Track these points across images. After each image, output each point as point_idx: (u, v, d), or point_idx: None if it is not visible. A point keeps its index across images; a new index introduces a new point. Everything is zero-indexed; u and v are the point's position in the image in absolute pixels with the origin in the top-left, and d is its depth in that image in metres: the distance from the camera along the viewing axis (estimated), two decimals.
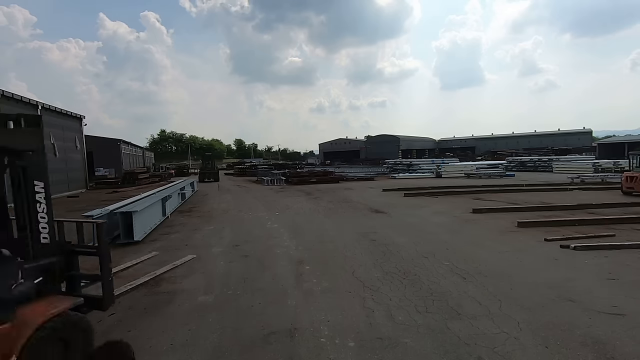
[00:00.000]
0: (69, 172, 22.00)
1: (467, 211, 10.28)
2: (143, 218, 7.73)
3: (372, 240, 7.00)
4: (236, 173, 44.39)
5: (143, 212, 7.65)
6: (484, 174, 27.35)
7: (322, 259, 5.88)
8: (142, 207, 7.63)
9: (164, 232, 8.42)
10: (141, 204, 8.03)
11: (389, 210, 10.79)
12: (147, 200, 8.91)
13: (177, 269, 5.46)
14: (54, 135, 20.05)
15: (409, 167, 34.59)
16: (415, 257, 5.79)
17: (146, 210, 8.00)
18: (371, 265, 5.46)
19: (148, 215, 8.24)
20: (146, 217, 8.06)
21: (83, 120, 24.71)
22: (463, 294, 4.22)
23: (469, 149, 79.76)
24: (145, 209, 7.85)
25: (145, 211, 7.94)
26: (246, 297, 4.31)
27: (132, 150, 52.72)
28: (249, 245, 6.95)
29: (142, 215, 7.63)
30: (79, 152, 23.91)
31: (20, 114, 2.97)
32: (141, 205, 7.70)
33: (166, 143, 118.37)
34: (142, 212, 7.60)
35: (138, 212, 7.22)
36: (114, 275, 5.07)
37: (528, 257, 5.74)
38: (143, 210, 7.65)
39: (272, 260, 5.89)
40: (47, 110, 19.64)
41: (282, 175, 24.96)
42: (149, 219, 8.33)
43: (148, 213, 8.22)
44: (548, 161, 33.92)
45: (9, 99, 16.12)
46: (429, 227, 8.23)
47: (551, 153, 47.38)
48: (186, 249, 6.76)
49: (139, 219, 7.40)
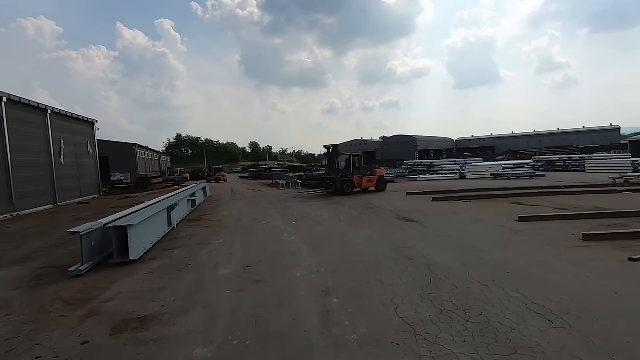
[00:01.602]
0: (81, 177, 21.56)
1: (511, 219, 8.93)
2: (142, 232, 6.74)
3: (410, 259, 5.79)
4: (251, 176, 43.67)
5: (141, 226, 6.66)
6: (512, 175, 25.62)
7: (353, 286, 4.71)
8: (141, 219, 6.64)
9: (167, 246, 7.42)
10: (140, 215, 7.04)
11: (420, 218, 9.53)
12: (148, 210, 7.93)
13: (173, 303, 4.39)
14: (65, 140, 19.56)
15: (429, 168, 33.05)
16: (471, 285, 4.56)
17: (146, 223, 7.01)
18: (417, 296, 4.26)
19: (148, 228, 7.25)
20: (146, 230, 7.07)
21: (95, 125, 24.30)
22: (562, 351, 2.99)
23: (488, 149, 77.30)
24: (144, 222, 6.85)
25: (145, 224, 6.95)
26: (257, 352, 3.19)
27: (147, 155, 52.80)
28: (263, 265, 5.85)
29: (141, 229, 6.64)
30: (92, 157, 23.49)
31: None
32: (140, 218, 6.71)
33: (182, 147, 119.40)
34: (141, 226, 6.61)
35: (135, 227, 6.22)
36: (92, 311, 4.14)
37: (618, 284, 4.43)
38: (142, 224, 6.65)
39: (291, 288, 4.76)
40: (57, 114, 19.17)
41: (298, 179, 23.92)
42: (149, 233, 7.34)
43: (148, 226, 7.23)
44: (579, 160, 31.79)
45: (17, 103, 15.61)
46: (474, 241, 6.95)
47: (577, 151, 44.88)
48: (189, 270, 5.71)
49: (137, 233, 6.40)
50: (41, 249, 7.67)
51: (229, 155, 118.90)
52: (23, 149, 15.73)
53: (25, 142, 16.00)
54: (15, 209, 14.84)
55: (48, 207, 17.20)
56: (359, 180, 17.19)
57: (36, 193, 16.47)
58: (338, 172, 17.00)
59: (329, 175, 17.66)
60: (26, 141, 16.06)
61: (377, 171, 18.12)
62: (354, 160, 17.41)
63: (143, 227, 6.82)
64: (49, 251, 7.44)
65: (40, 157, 17.27)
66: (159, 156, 63.86)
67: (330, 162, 17.82)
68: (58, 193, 18.27)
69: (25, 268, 6.24)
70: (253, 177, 42.14)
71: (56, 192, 18.14)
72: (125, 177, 37.33)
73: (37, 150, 17.06)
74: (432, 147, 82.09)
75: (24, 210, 15.29)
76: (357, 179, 17.17)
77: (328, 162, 17.96)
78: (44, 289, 5.09)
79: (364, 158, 17.94)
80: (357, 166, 17.47)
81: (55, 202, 17.98)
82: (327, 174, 18.20)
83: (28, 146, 16.19)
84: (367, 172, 17.80)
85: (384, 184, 18.15)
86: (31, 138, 16.58)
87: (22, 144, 15.66)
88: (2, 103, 14.46)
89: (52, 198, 17.92)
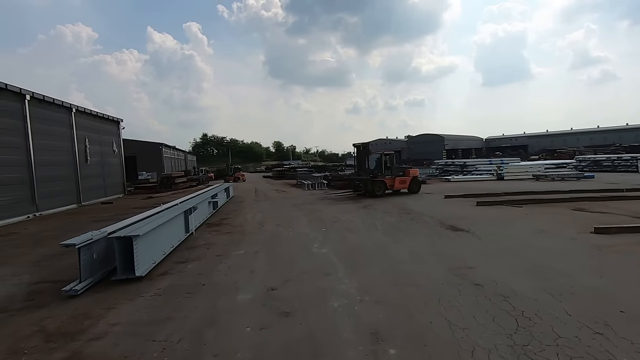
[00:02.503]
0: (106, 177, 21.35)
1: (583, 230, 7.46)
2: (151, 242, 5.83)
3: (477, 286, 4.54)
4: (275, 176, 43.01)
5: (151, 235, 5.75)
6: (556, 176, 23.47)
7: (412, 327, 3.55)
8: (150, 228, 5.72)
9: (181, 257, 6.49)
10: (151, 223, 6.14)
11: (470, 227, 8.20)
12: (162, 215, 7.04)
13: (178, 344, 3.37)
14: (89, 139, 19.35)
15: (462, 168, 31.16)
16: (579, 332, 3.28)
17: (157, 232, 6.10)
18: (507, 350, 3.04)
19: (160, 237, 6.35)
20: (157, 240, 6.17)
21: (121, 124, 24.16)
22: None
23: (520, 148, 73.70)
24: (155, 230, 5.95)
25: (156, 233, 6.04)
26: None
27: (173, 154, 53.31)
28: (290, 288, 4.77)
29: (150, 239, 5.73)
30: (117, 157, 23.32)
31: None
32: (149, 226, 5.80)
33: (208, 146, 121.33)
34: (150, 236, 5.70)
35: (142, 237, 5.30)
36: (75, 354, 3.19)
37: None
38: (151, 233, 5.74)
39: (328, 326, 3.65)
40: (82, 113, 18.96)
41: (324, 179, 22.83)
42: (161, 242, 6.43)
43: (160, 234, 6.33)
44: (631, 160, 28.99)
45: (40, 101, 15.36)
46: (549, 260, 5.59)
47: (621, 150, 41.31)
48: (202, 292, 4.72)
49: (145, 245, 5.49)
50: (47, 258, 6.94)
51: (253, 154, 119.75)
52: (47, 147, 15.46)
53: (49, 140, 15.74)
54: (38, 209, 14.56)
55: (72, 206, 16.95)
56: (390, 181, 15.88)
57: (60, 193, 16.21)
58: (368, 173, 15.76)
59: (359, 176, 16.45)
60: (50, 140, 15.80)
61: (410, 171, 16.75)
62: (386, 160, 16.13)
63: (153, 236, 5.91)
64: (54, 261, 6.68)
65: (64, 156, 17.04)
66: (185, 155, 64.57)
67: (359, 161, 16.60)
68: (82, 193, 18.03)
69: (22, 282, 5.46)
70: (277, 176, 41.44)
71: (80, 191, 17.90)
72: (151, 176, 37.55)
73: (61, 149, 16.82)
74: (460, 146, 79.42)
75: (47, 210, 15.01)
76: (389, 179, 15.87)
77: (357, 161, 16.75)
78: (30, 313, 4.23)
79: (396, 157, 16.60)
80: (388, 166, 16.18)
81: (79, 202, 17.74)
82: (356, 174, 16.99)
83: (52, 145, 15.93)
84: (400, 173, 16.46)
85: (417, 185, 16.75)
86: (55, 137, 16.33)
87: (45, 142, 15.40)
88: (25, 101, 14.18)
89: (76, 198, 17.69)
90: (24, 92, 14.06)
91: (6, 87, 13.17)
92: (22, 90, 13.95)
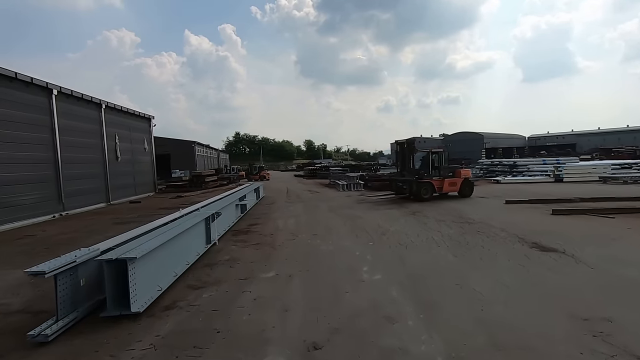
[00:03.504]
0: (136, 175, 20.89)
1: None
2: (157, 263, 4.51)
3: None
4: (306, 175, 41.76)
5: (156, 254, 4.43)
6: (629, 178, 20.41)
7: None
8: (156, 244, 4.40)
9: (195, 281, 5.14)
10: (159, 236, 4.82)
11: (563, 246, 6.30)
12: (178, 225, 5.74)
13: None
14: (120, 136, 18.86)
15: (511, 168, 28.30)
16: None
17: (166, 248, 4.78)
18: None
19: (170, 255, 5.03)
20: (166, 258, 4.85)
21: (152, 121, 23.73)
22: None
23: (568, 146, 68.07)
24: (163, 247, 4.63)
25: (164, 250, 4.72)
26: None
27: (206, 152, 53.53)
28: (341, 346, 3.24)
29: (155, 259, 4.41)
30: (148, 154, 22.89)
31: None
32: (154, 242, 4.47)
33: (240, 145, 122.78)
34: (155, 255, 4.38)
35: (142, 259, 3.98)
36: None
37: None
38: (157, 251, 4.42)
39: None
40: (112, 109, 18.48)
41: (360, 179, 21.16)
42: (172, 260, 5.12)
43: (170, 251, 5.01)
44: None
45: (68, 96, 14.84)
46: None
47: None
48: (214, 347, 3.29)
49: (147, 268, 4.18)
50: None
51: (284, 153, 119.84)
52: (74, 144, 14.94)
53: (77, 137, 15.23)
54: (65, 208, 14.02)
55: (100, 205, 16.43)
56: (439, 183, 13.98)
57: (88, 191, 15.68)
58: (413, 173, 13.93)
59: (402, 176, 14.66)
60: (78, 136, 15.28)
61: (461, 172, 14.73)
62: (433, 159, 14.24)
63: (159, 255, 4.60)
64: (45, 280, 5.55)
65: (92, 153, 16.54)
66: (217, 154, 64.99)
67: (402, 160, 14.81)
68: (111, 191, 17.52)
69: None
70: (309, 175, 40.18)
71: (109, 190, 17.40)
72: (184, 174, 37.52)
73: (90, 146, 16.32)
74: (500, 145, 74.83)
75: (74, 209, 14.46)
76: (437, 181, 13.97)
77: (401, 160, 14.96)
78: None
79: (445, 156, 14.65)
80: (436, 166, 14.28)
81: (108, 201, 17.23)
82: (398, 175, 15.20)
83: (80, 142, 15.42)
84: (449, 173, 14.51)
85: (470, 188, 14.71)
86: (84, 133, 15.82)
87: (73, 139, 14.88)
88: (52, 96, 13.65)
89: (105, 196, 17.19)
90: (51, 86, 13.51)
91: (32, 82, 12.62)
92: (48, 84, 13.41)
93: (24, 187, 12.10)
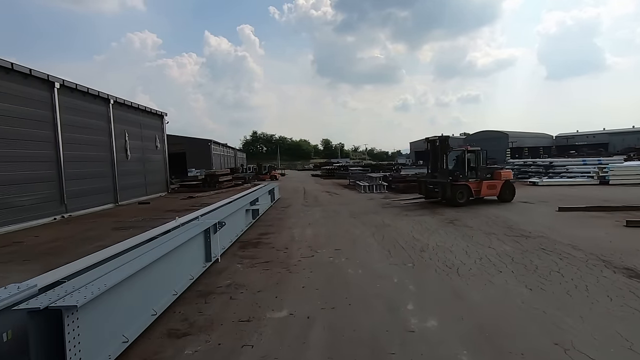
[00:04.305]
0: (147, 174, 19.98)
1: None
2: (120, 307, 3.19)
3: None
4: (324, 174, 40.32)
5: (121, 292, 3.11)
6: None
7: None
8: (119, 279, 3.08)
9: (179, 323, 3.80)
10: (133, 261, 3.51)
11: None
12: (159, 245, 4.42)
13: None
14: (130, 134, 17.95)
15: (547, 169, 26.06)
16: None
17: (136, 281, 3.46)
18: None
19: (143, 291, 3.69)
20: (135, 297, 3.52)
21: (165, 118, 22.84)
22: None
23: (600, 146, 64.14)
24: (128, 282, 3.30)
25: (135, 283, 3.40)
26: None
27: (223, 151, 52.86)
28: None
29: (116, 300, 3.09)
30: (160, 153, 21.99)
31: None
32: (120, 274, 3.15)
33: (257, 144, 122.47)
34: (117, 293, 3.06)
35: (91, 304, 2.67)
36: None
37: None
38: (122, 287, 3.10)
39: None
40: (122, 105, 17.58)
41: (383, 180, 19.58)
42: (146, 298, 3.78)
43: (145, 284, 3.68)
44: None
45: (73, 90, 13.93)
46: None
47: None
48: None
49: (99, 317, 2.86)
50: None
51: (301, 152, 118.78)
52: (79, 141, 14.04)
53: (82, 134, 14.32)
54: (67, 210, 13.11)
55: (107, 206, 15.52)
56: (476, 186, 12.31)
57: (93, 191, 14.77)
58: (447, 174, 12.29)
59: (433, 178, 13.03)
60: (83, 133, 14.38)
61: (501, 173, 12.99)
62: (469, 158, 12.57)
63: (126, 293, 3.28)
64: None
65: (99, 151, 15.64)
66: (234, 153, 64.41)
67: (434, 159, 13.18)
68: (119, 191, 16.61)
69: None
70: (326, 175, 38.74)
71: (117, 190, 16.49)
72: (200, 173, 36.79)
73: (97, 144, 15.41)
74: (526, 144, 71.50)
75: (78, 210, 13.55)
76: (474, 183, 12.30)
77: (432, 159, 13.33)
78: None
79: (483, 155, 12.94)
80: (473, 166, 12.61)
81: (116, 201, 16.33)
82: (429, 176, 13.58)
83: (85, 139, 14.51)
84: (487, 175, 12.80)
85: (511, 191, 12.96)
86: (89, 130, 14.91)
87: (78, 136, 13.98)
88: (54, 89, 12.73)
89: (113, 197, 16.28)
90: (52, 79, 12.59)
91: (30, 73, 11.70)
92: (49, 77, 12.49)
93: (21, 187, 11.19)
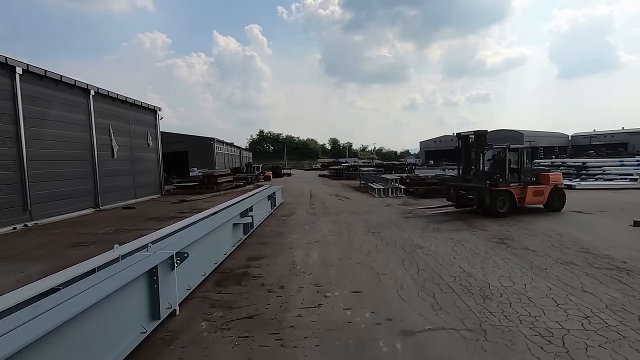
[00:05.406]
0: (137, 175, 17.99)
1: None
2: None
3: None
4: (331, 174, 38.04)
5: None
6: None
7: None
8: None
9: None
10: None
11: None
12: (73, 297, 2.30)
13: None
14: (115, 129, 15.98)
15: (579, 170, 23.53)
16: None
17: None
18: None
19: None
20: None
21: (159, 113, 20.86)
22: None
23: (620, 146, 61.33)
24: None
25: None
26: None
27: (227, 150, 50.83)
28: None
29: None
30: (152, 151, 20.00)
31: None
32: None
33: (264, 143, 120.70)
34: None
35: None
36: None
37: None
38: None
39: None
40: (104, 97, 15.58)
41: (400, 182, 17.30)
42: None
43: None
44: None
45: (42, 77, 11.95)
46: None
47: None
48: None
49: None
50: None
51: (308, 151, 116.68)
52: (49, 137, 12.09)
53: (53, 129, 12.35)
54: (33, 217, 11.15)
55: (86, 212, 13.55)
56: (520, 192, 10.03)
57: (68, 195, 12.81)
58: (484, 178, 10.01)
59: (466, 182, 10.73)
60: (54, 128, 12.40)
61: (549, 177, 10.67)
62: (510, 158, 10.30)
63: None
64: None
65: (76, 148, 13.65)
66: (240, 152, 62.44)
67: (467, 159, 10.88)
68: (102, 194, 14.64)
69: None
70: (334, 175, 36.44)
71: (99, 193, 14.52)
72: (202, 173, 34.85)
73: (72, 140, 13.42)
74: (540, 144, 68.97)
75: (46, 217, 11.59)
76: (518, 189, 10.02)
77: (464, 159, 11.02)
78: None
79: (528, 154, 10.63)
80: (514, 167, 10.34)
81: (97, 206, 14.37)
82: (460, 179, 11.28)
83: (57, 134, 12.53)
84: (532, 178, 10.50)
85: (562, 199, 10.65)
86: (62, 124, 12.90)
87: (47, 131, 12.03)
88: (15, 75, 10.78)
89: (94, 201, 14.33)
90: (11, 62, 10.62)
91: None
92: (7, 60, 10.51)
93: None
